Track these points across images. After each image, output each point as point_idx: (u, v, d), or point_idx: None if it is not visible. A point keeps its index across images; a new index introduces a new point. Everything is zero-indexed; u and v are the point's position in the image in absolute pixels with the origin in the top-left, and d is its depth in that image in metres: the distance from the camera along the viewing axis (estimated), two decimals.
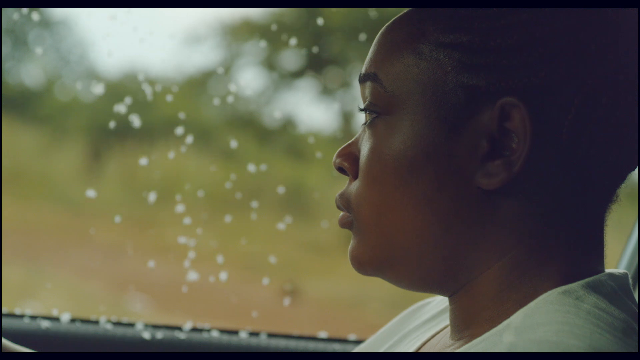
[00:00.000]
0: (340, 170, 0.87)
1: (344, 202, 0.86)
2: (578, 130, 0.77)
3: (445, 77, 0.79)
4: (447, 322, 0.92)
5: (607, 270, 0.81)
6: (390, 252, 0.83)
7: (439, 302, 0.99)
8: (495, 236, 0.79)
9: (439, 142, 0.79)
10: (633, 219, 1.63)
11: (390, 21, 0.86)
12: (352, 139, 0.88)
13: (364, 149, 0.84)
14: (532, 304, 0.76)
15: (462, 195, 0.79)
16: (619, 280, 0.80)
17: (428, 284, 0.83)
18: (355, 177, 0.85)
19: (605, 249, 0.83)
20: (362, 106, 0.86)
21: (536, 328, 0.72)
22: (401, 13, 0.85)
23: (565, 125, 0.77)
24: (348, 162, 0.86)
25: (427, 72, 0.80)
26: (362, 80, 0.85)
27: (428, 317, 0.98)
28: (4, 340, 1.11)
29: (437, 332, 0.92)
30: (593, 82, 0.77)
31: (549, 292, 0.77)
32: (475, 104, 0.78)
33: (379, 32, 0.86)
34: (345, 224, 0.86)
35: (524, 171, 0.77)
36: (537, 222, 0.79)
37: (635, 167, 0.82)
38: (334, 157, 0.87)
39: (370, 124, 0.84)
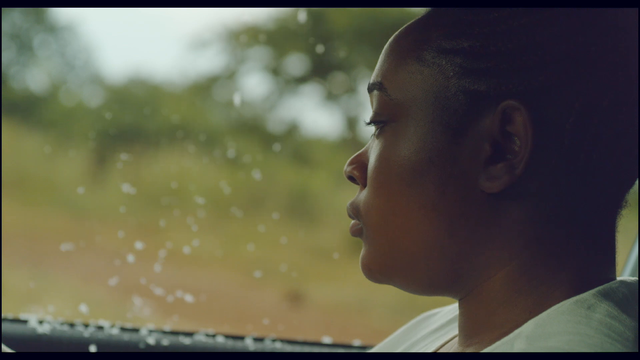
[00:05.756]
0: (351, 179, 0.88)
1: (354, 210, 0.86)
2: (580, 133, 0.77)
3: (447, 83, 0.80)
4: (456, 331, 0.92)
5: (619, 278, 0.81)
6: (398, 258, 0.83)
7: (447, 313, 1.00)
8: (501, 240, 0.80)
9: (442, 146, 0.80)
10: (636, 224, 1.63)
11: (397, 31, 0.86)
12: (363, 148, 0.88)
13: (372, 157, 0.85)
14: (544, 314, 0.76)
15: (467, 199, 0.80)
16: (631, 287, 0.80)
17: (437, 288, 0.84)
18: (364, 185, 0.86)
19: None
20: (368, 119, 0.86)
21: (547, 337, 0.73)
22: (408, 22, 0.86)
23: (566, 128, 0.77)
24: (358, 171, 0.87)
25: (430, 78, 0.81)
26: (369, 89, 0.86)
27: (436, 326, 0.98)
28: None
29: (446, 342, 0.92)
30: (593, 84, 0.77)
31: (562, 303, 0.77)
32: (477, 108, 0.79)
33: (387, 42, 0.87)
34: (355, 232, 0.87)
35: (527, 174, 0.78)
36: (544, 226, 0.79)
37: None
38: (345, 166, 0.88)
39: (378, 133, 0.84)
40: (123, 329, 1.74)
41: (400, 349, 1.01)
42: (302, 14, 2.84)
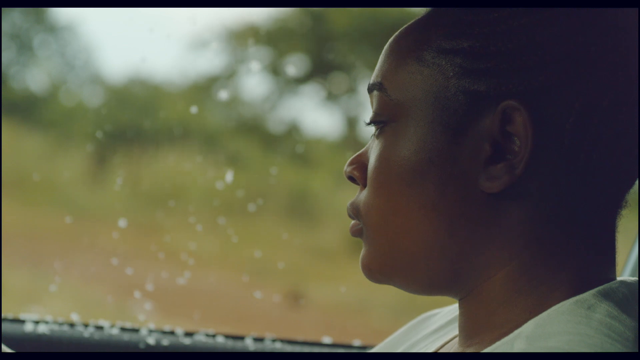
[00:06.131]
0: (351, 179, 0.88)
1: (354, 211, 0.86)
2: (580, 133, 0.77)
3: (447, 83, 0.80)
4: (456, 332, 0.92)
5: (619, 278, 0.82)
6: (398, 258, 0.83)
7: (447, 313, 1.00)
8: (501, 240, 0.80)
9: (442, 147, 0.80)
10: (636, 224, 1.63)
11: (397, 31, 0.86)
12: (363, 149, 0.88)
13: (372, 157, 0.85)
14: (544, 315, 0.76)
15: (467, 199, 0.80)
16: (631, 287, 0.80)
17: (437, 288, 0.84)
18: (365, 185, 0.86)
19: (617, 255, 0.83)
20: (368, 120, 0.86)
21: (547, 337, 0.73)
22: (408, 23, 0.86)
23: (566, 128, 0.77)
24: (358, 171, 0.87)
25: (430, 78, 0.81)
26: (369, 90, 0.86)
27: (436, 327, 0.98)
28: None
29: (446, 342, 0.92)
30: (593, 84, 0.77)
31: (562, 303, 0.77)
32: (477, 109, 0.79)
33: (387, 42, 0.87)
34: (355, 232, 0.87)
35: (527, 174, 0.78)
36: (544, 226, 0.79)
37: None
38: (345, 167, 0.88)
39: (378, 133, 0.84)
40: (123, 329, 1.74)
41: (400, 350, 1.00)
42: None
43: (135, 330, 1.75)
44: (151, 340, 1.71)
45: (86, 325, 1.73)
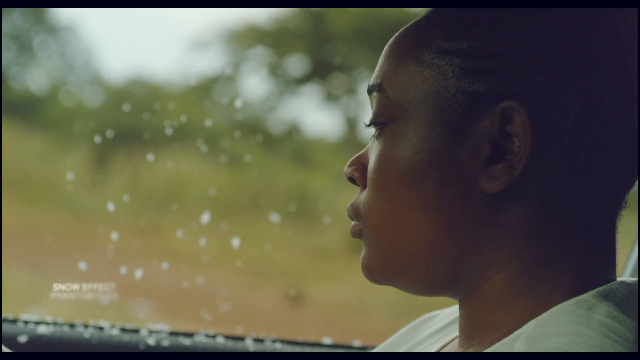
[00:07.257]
0: (351, 180, 0.88)
1: (354, 212, 0.87)
2: (579, 134, 0.77)
3: (446, 84, 0.80)
4: (456, 333, 0.92)
5: (619, 278, 0.82)
6: (398, 258, 0.83)
7: (447, 315, 1.00)
8: (501, 240, 0.80)
9: (442, 147, 0.80)
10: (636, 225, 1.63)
11: (397, 32, 0.86)
12: (363, 150, 0.88)
13: (372, 158, 0.85)
14: (544, 315, 0.76)
15: (466, 199, 0.80)
16: (631, 287, 0.80)
17: (437, 288, 0.84)
18: (365, 186, 0.86)
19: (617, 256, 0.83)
20: (368, 121, 0.86)
21: (548, 338, 0.73)
22: (408, 23, 0.86)
23: (566, 128, 0.77)
24: (358, 172, 0.87)
25: (429, 79, 0.81)
26: (369, 91, 0.86)
27: (436, 329, 0.98)
28: None
29: (446, 344, 0.92)
30: (593, 84, 0.77)
31: (562, 304, 0.77)
32: (476, 109, 0.79)
33: (387, 43, 0.87)
34: (355, 232, 0.87)
35: (526, 174, 0.78)
36: (544, 226, 0.79)
37: None
38: (345, 168, 0.89)
39: (377, 134, 0.85)
40: (123, 330, 1.74)
41: (401, 351, 1.00)
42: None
43: (136, 331, 1.75)
44: (151, 341, 1.71)
45: (86, 326, 1.74)
